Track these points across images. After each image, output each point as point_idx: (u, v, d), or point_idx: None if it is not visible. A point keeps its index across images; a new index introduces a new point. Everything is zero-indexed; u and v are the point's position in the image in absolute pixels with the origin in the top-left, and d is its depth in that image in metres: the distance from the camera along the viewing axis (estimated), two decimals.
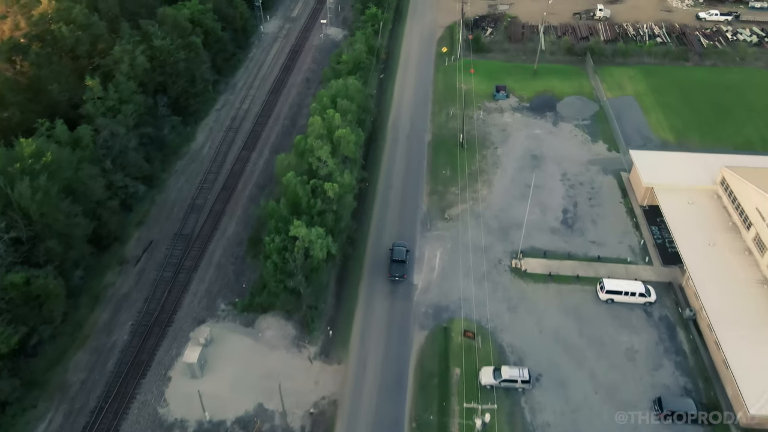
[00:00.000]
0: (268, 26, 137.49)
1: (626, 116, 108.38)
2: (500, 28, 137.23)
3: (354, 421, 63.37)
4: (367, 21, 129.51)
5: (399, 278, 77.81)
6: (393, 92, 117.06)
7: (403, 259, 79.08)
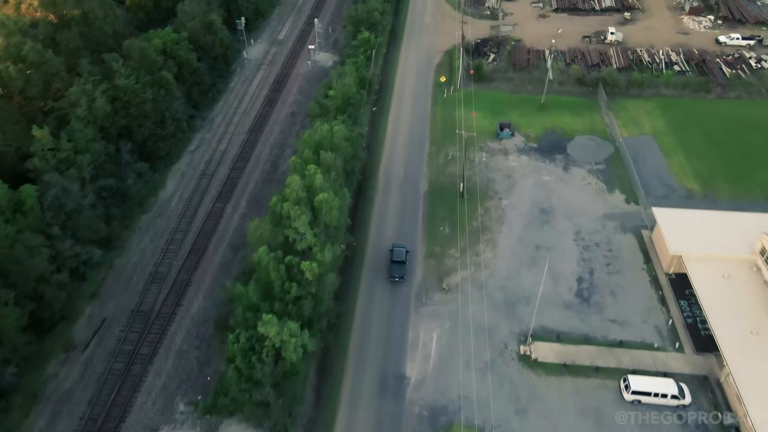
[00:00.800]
0: (252, 51, 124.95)
1: (645, 160, 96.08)
2: (503, 54, 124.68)
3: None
4: (359, 46, 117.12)
5: (399, 279, 75.64)
6: (386, 129, 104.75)
7: (403, 260, 76.45)
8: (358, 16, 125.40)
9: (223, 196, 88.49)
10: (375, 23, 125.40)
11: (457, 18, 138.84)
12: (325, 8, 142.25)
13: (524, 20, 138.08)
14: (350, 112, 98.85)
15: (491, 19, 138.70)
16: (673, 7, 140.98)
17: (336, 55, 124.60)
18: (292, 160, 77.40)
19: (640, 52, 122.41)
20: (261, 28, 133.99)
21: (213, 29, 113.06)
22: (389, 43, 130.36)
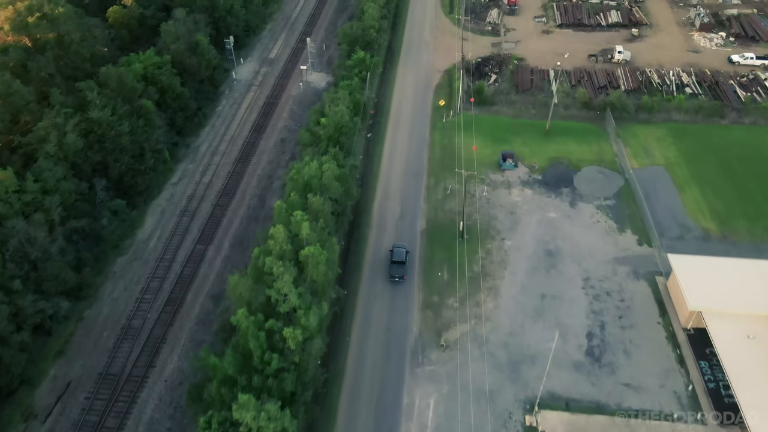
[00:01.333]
0: (242, 71, 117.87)
1: (657, 194, 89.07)
2: (505, 73, 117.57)
3: None
4: (353, 67, 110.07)
5: (399, 279, 75.30)
6: (381, 158, 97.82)
7: (403, 260, 76.08)
8: (353, 34, 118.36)
9: (205, 236, 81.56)
10: (371, 41, 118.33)
11: (456, 34, 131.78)
12: (319, 24, 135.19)
13: (527, 37, 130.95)
14: (342, 142, 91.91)
15: (492, 36, 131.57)
16: (683, 23, 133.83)
17: (330, 75, 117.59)
18: (277, 205, 70.39)
19: (649, 72, 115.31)
20: (252, 46, 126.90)
21: (199, 50, 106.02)
22: (386, 60, 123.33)
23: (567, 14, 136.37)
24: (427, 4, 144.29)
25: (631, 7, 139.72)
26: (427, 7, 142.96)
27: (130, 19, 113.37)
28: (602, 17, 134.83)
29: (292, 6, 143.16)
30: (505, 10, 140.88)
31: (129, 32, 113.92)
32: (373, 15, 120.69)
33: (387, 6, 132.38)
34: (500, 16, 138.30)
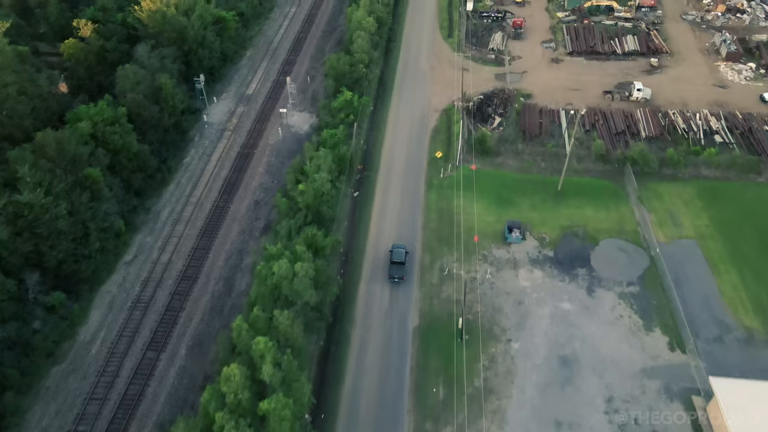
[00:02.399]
0: (215, 111, 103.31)
1: (688, 278, 75.40)
2: (511, 114, 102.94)
3: None
4: (339, 109, 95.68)
5: (398, 279, 74.08)
6: (369, 227, 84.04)
7: (402, 261, 74.89)
8: (340, 69, 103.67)
9: (158, 339, 67.97)
10: (359, 78, 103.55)
11: (456, 63, 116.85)
12: (304, 50, 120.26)
13: (535, 66, 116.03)
14: (323, 213, 77.90)
15: (496, 65, 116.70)
16: (707, 51, 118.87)
17: (314, 115, 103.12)
18: (235, 326, 56.51)
19: (673, 115, 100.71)
20: (228, 78, 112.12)
21: (164, 95, 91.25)
22: (377, 96, 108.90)
23: (578, 39, 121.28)
24: (424, 26, 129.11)
25: (649, 30, 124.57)
26: (423, 30, 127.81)
27: (87, 54, 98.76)
28: (617, 43, 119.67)
29: (275, 27, 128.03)
30: (509, 33, 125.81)
31: (87, 69, 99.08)
32: (362, 47, 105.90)
33: (379, 32, 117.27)
34: (504, 40, 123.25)
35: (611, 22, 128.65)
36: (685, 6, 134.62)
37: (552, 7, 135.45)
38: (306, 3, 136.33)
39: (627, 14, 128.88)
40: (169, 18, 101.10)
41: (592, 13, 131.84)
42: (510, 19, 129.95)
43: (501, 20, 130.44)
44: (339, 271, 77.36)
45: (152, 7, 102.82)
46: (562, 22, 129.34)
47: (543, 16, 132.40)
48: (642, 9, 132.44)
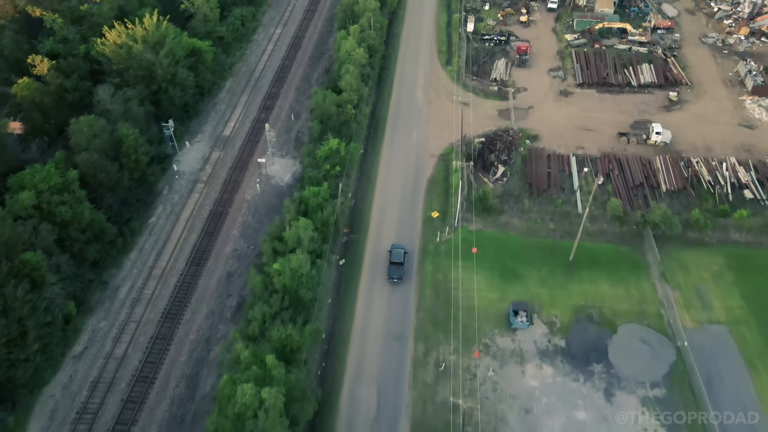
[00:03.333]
0: (187, 158, 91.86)
1: (722, 377, 64.80)
2: (516, 161, 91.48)
3: None
4: (324, 158, 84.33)
5: (397, 280, 73.16)
6: (354, 309, 72.88)
7: (401, 261, 74.20)
8: (327, 110, 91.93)
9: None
10: (348, 120, 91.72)
11: (455, 95, 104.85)
12: (289, 80, 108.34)
13: (541, 100, 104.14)
14: (302, 296, 66.77)
15: (499, 98, 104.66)
16: (730, 81, 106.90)
17: (296, 161, 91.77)
18: None
19: (696, 164, 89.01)
20: (205, 114, 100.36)
21: (126, 148, 79.68)
22: (368, 137, 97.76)
23: (588, 68, 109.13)
24: (421, 50, 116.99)
25: (666, 57, 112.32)
26: (420, 54, 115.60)
27: (44, 95, 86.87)
28: (632, 74, 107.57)
29: (258, 52, 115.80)
30: (513, 59, 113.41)
31: (43, 113, 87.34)
32: (351, 84, 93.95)
33: (371, 62, 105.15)
34: (508, 69, 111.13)
35: (625, 47, 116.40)
36: (704, 27, 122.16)
37: (560, 27, 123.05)
38: (293, 23, 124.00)
39: (642, 38, 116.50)
40: (135, 54, 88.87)
41: (603, 35, 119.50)
42: (514, 43, 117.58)
43: (504, 44, 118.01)
44: (320, 365, 66.31)
45: (117, 40, 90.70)
46: (570, 45, 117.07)
47: (550, 39, 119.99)
48: (658, 31, 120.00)
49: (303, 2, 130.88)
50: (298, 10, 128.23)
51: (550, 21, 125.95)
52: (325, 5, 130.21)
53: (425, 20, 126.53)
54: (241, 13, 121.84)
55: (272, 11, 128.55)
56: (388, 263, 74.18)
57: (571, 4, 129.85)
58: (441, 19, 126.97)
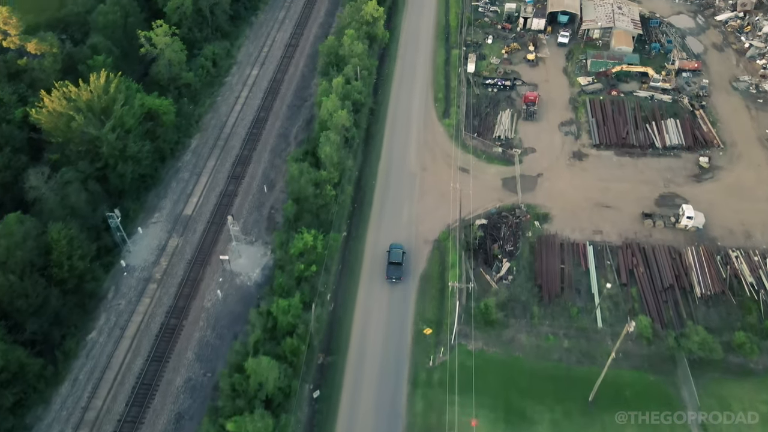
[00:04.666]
0: (139, 247, 77.47)
1: None
2: (523, 251, 76.84)
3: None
4: (297, 255, 69.69)
5: (396, 280, 71.36)
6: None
7: (400, 261, 72.45)
8: (303, 189, 77.55)
9: None
10: (328, 202, 76.79)
11: (453, 158, 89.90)
12: (264, 138, 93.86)
13: (552, 164, 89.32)
14: None
15: (503, 163, 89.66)
16: None
17: (267, 251, 77.57)
18: None
19: (735, 259, 74.25)
20: (165, 184, 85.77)
21: (56, 258, 64.64)
22: (351, 217, 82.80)
23: (605, 123, 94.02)
24: (414, 97, 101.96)
25: (694, 108, 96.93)
26: (413, 104, 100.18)
27: None
28: (655, 132, 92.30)
29: (230, 100, 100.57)
30: (520, 109, 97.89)
31: None
32: (331, 157, 79.19)
33: (357, 120, 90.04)
34: (513, 123, 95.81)
35: (646, 94, 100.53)
36: (734, 68, 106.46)
37: (572, 67, 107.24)
38: (271, 61, 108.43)
39: (666, 84, 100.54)
40: (75, 128, 73.61)
41: (620, 78, 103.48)
42: (520, 87, 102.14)
43: (510, 89, 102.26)
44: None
45: (57, 107, 75.40)
46: (584, 91, 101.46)
47: (561, 82, 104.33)
48: (683, 74, 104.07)
49: (284, 35, 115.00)
50: (278, 45, 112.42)
51: (560, 58, 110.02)
52: (308, 39, 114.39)
53: (420, 57, 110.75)
54: (213, 50, 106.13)
55: (249, 45, 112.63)
56: (387, 263, 72.78)
57: (584, 37, 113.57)
58: (438, 56, 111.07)
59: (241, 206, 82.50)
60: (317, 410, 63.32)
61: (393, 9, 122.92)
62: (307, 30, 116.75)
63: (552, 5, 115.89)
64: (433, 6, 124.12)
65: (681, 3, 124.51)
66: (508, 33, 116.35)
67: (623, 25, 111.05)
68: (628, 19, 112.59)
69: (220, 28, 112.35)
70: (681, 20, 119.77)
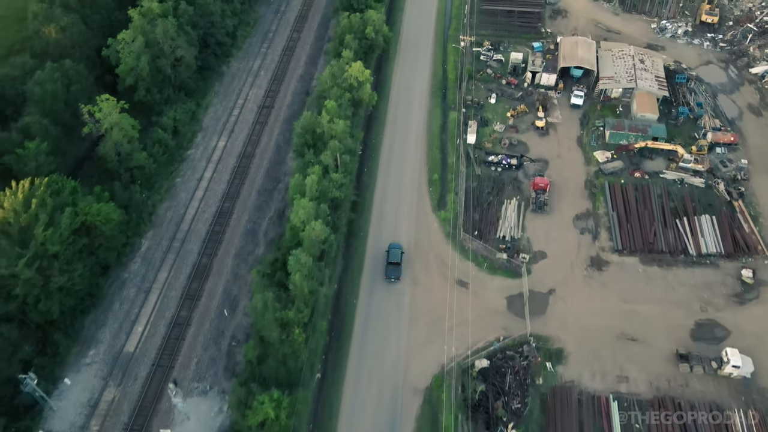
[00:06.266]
0: (66, 403, 63.40)
1: None
2: (533, 407, 61.56)
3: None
4: (258, 425, 54.41)
5: (394, 279, 70.62)
6: None
7: (399, 262, 71.74)
8: (267, 329, 61.98)
9: None
10: (297, 349, 61.37)
11: (449, 265, 74.28)
12: (229, 236, 79.18)
13: (566, 276, 74.43)
14: None
15: (509, 274, 74.20)
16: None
17: (224, 404, 61.63)
18: None
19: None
20: (106, 304, 71.16)
21: None
22: (327, 349, 68.54)
23: (629, 221, 79.07)
24: (405, 182, 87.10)
25: (731, 196, 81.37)
26: (404, 190, 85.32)
27: None
28: (687, 233, 76.70)
29: (191, 183, 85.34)
30: (528, 196, 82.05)
31: None
32: (302, 288, 63.90)
33: (336, 222, 74.76)
34: (520, 217, 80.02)
35: (674, 176, 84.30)
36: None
37: (587, 137, 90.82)
38: (242, 128, 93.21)
39: (697, 166, 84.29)
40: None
41: (644, 154, 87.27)
42: (526, 164, 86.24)
43: (516, 168, 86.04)
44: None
45: None
46: (602, 171, 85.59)
47: (575, 157, 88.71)
48: (717, 150, 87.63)
49: (258, 92, 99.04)
50: (251, 105, 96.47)
51: (574, 124, 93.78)
52: (285, 98, 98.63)
53: (414, 121, 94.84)
54: (175, 115, 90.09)
55: (218, 105, 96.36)
56: (386, 263, 72.36)
57: (601, 96, 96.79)
58: (434, 120, 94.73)
59: (195, 339, 67.23)
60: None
61: (384, 57, 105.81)
62: (284, 85, 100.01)
63: (564, 59, 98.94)
64: (430, 53, 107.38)
65: (710, 49, 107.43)
66: (513, 90, 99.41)
67: (646, 85, 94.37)
68: (651, 77, 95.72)
69: (185, 85, 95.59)
70: (711, 73, 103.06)
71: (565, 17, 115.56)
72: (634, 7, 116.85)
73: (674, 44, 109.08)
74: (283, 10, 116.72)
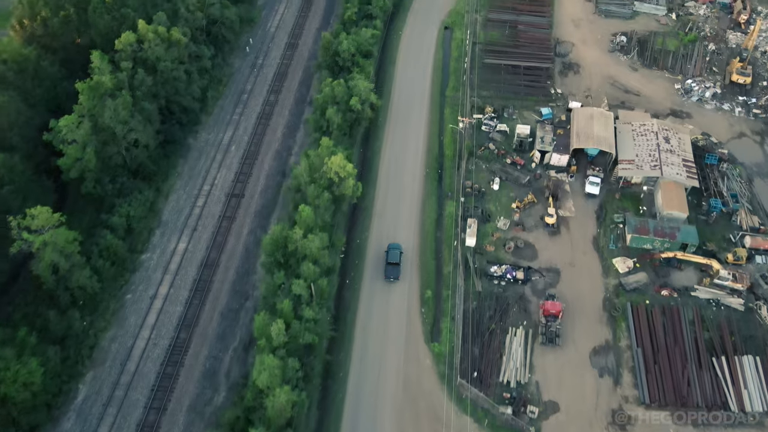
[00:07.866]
0: None
1: None
2: None
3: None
4: None
5: (394, 279, 70.20)
6: None
7: (398, 262, 71.52)
8: None
9: None
10: None
11: (444, 418, 60.77)
12: (183, 380, 65.84)
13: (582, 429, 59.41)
14: None
15: (513, 429, 59.73)
16: None
17: None
18: None
19: None
20: None
21: None
22: None
23: (656, 361, 66.39)
24: (392, 305, 71.28)
25: None
26: (390, 317, 69.86)
27: None
28: (727, 380, 62.92)
29: (143, 304, 71.77)
30: (536, 325, 67.64)
31: None
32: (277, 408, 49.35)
33: (307, 377, 60.97)
34: (528, 353, 65.91)
35: (708, 296, 70.07)
36: None
37: (604, 238, 76.33)
38: (206, 226, 78.76)
39: (736, 285, 69.91)
40: None
41: (670, 263, 72.86)
42: (536, 279, 72.41)
43: (522, 283, 71.86)
44: None
45: None
46: (624, 286, 71.28)
47: (592, 266, 74.79)
48: (757, 260, 73.30)
49: (227, 174, 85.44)
50: (218, 193, 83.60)
51: (589, 220, 79.59)
52: (258, 182, 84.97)
53: (404, 214, 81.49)
54: (129, 210, 77.41)
55: (181, 192, 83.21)
56: (385, 264, 71.90)
57: (620, 183, 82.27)
58: (428, 213, 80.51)
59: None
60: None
61: (371, 128, 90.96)
62: (257, 166, 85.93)
63: (578, 137, 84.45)
64: (425, 120, 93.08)
65: (743, 117, 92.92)
66: (520, 172, 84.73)
67: (673, 172, 79.88)
68: (678, 161, 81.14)
69: (143, 168, 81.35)
70: (744, 148, 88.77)
71: (577, 73, 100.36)
72: (655, 62, 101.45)
73: (701, 110, 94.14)
74: (261, 64, 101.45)
